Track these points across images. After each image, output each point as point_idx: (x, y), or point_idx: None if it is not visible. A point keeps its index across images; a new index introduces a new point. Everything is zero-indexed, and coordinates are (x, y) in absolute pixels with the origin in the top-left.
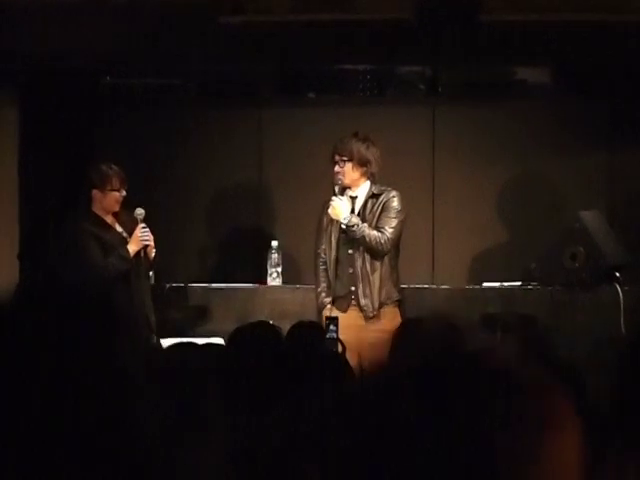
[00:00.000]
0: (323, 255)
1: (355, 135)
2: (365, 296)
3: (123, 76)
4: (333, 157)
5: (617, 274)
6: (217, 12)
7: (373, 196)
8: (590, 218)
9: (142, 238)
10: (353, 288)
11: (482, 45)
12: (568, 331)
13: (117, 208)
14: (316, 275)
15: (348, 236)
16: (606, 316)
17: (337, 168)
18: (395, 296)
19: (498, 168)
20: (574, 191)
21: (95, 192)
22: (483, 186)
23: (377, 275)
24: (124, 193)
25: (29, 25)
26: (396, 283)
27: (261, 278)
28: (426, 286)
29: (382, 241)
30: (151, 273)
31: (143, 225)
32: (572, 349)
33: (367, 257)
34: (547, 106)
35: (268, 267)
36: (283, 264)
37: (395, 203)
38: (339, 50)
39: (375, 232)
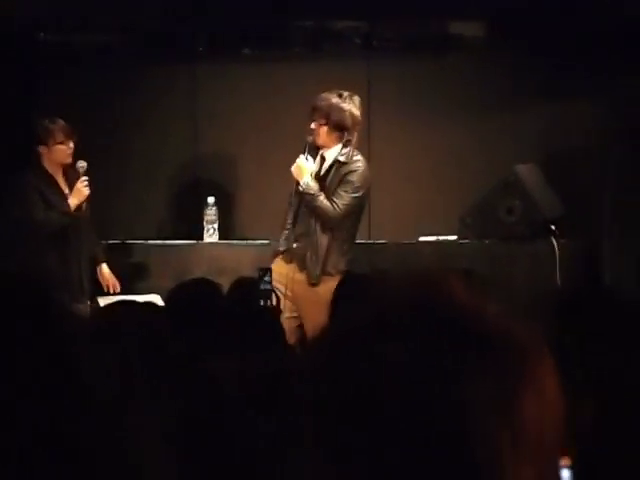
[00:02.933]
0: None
1: (339, 96)
2: (311, 261)
3: (59, 32)
4: (311, 113)
5: (553, 227)
6: None
7: (339, 163)
8: (526, 171)
9: (84, 190)
10: (296, 245)
11: None
12: (504, 284)
13: (68, 160)
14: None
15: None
16: (542, 269)
17: (313, 125)
18: (342, 266)
19: (434, 121)
20: (510, 144)
21: (42, 148)
22: (419, 139)
23: (326, 242)
24: (72, 145)
25: None
26: (346, 253)
27: (198, 234)
28: (362, 241)
29: (331, 215)
30: None
31: (84, 178)
32: (508, 302)
33: (319, 223)
34: (482, 60)
35: (204, 223)
36: (220, 220)
37: (355, 177)
38: (275, 5)
39: (327, 203)
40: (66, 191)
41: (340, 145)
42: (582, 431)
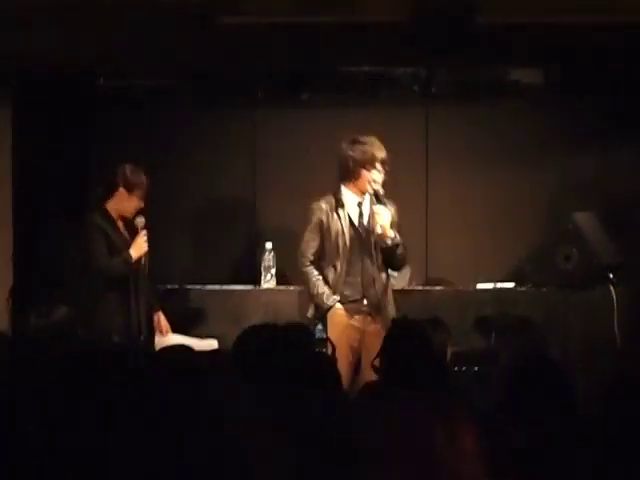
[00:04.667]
0: (311, 262)
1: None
2: (387, 305)
3: (119, 77)
4: (374, 164)
5: (610, 275)
6: (214, 13)
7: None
8: (584, 219)
9: (144, 245)
10: (360, 296)
11: (476, 46)
12: (562, 332)
13: (131, 214)
14: (310, 280)
15: (378, 252)
16: (599, 317)
17: (381, 177)
18: None
19: (492, 168)
20: (568, 191)
21: (122, 190)
22: (477, 186)
23: (390, 285)
24: (142, 204)
25: (24, 27)
26: None
27: (255, 280)
28: (420, 287)
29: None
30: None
31: (144, 232)
32: (566, 350)
33: (382, 267)
34: (540, 106)
35: (262, 269)
36: (277, 265)
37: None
38: (335, 52)
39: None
40: (124, 233)
41: None
42: None
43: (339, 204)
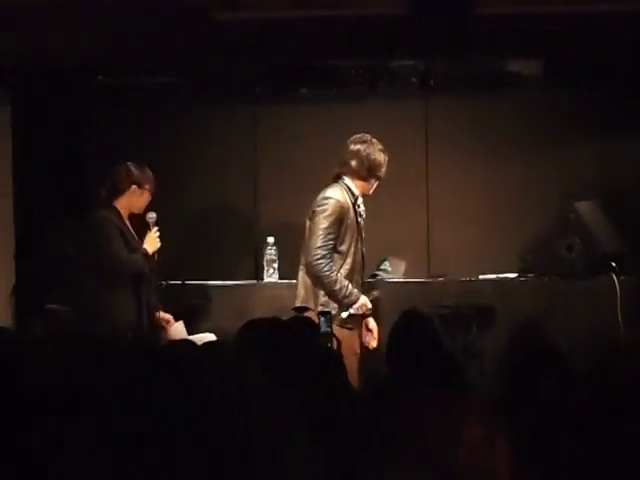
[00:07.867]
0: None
1: None
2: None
3: (117, 75)
4: (382, 174)
5: (613, 264)
6: (212, 8)
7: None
8: (585, 208)
9: (157, 241)
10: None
11: (475, 38)
12: (565, 321)
13: (141, 211)
14: (332, 275)
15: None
16: (603, 306)
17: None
18: None
19: (492, 159)
20: (569, 181)
21: (134, 187)
22: (477, 177)
23: None
24: (150, 199)
25: (22, 24)
26: None
27: (258, 274)
28: (422, 279)
29: None
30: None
31: (156, 228)
32: (569, 339)
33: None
34: (540, 97)
35: (264, 263)
36: (280, 260)
37: None
38: (333, 46)
39: None
40: (136, 235)
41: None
42: None
43: (356, 201)
